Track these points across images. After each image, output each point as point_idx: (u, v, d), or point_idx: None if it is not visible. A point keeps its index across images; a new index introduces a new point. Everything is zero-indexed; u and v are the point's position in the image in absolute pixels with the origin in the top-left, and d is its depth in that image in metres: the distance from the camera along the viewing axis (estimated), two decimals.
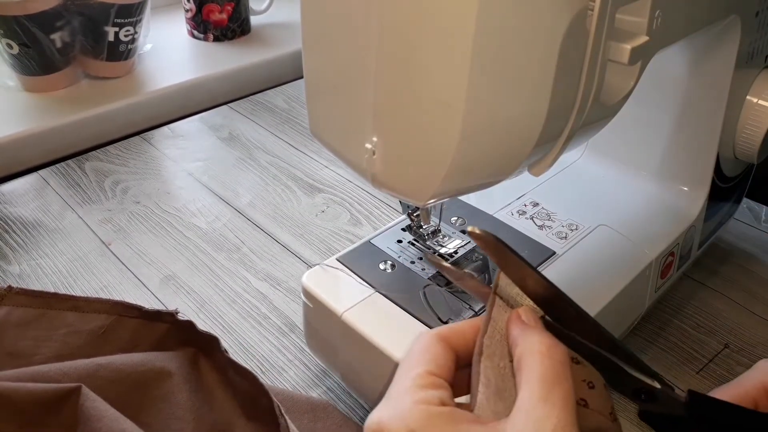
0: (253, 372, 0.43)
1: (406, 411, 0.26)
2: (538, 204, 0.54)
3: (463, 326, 0.30)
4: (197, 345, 0.46)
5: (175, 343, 0.46)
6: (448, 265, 0.33)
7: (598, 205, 0.54)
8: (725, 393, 0.33)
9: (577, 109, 0.34)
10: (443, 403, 0.27)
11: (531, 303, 0.30)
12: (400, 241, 0.49)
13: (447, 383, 0.28)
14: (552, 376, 0.26)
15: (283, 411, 0.41)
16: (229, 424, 0.43)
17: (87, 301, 0.46)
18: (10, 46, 0.79)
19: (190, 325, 0.46)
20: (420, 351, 0.29)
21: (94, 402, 0.39)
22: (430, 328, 0.42)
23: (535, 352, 0.27)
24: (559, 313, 0.30)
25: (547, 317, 0.30)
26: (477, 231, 0.29)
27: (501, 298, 0.30)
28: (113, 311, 0.46)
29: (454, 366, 0.29)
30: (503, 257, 0.30)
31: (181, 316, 0.46)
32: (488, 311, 0.30)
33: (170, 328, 0.47)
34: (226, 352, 0.45)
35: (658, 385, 0.30)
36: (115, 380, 0.42)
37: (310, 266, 0.58)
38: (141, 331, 0.46)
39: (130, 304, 0.47)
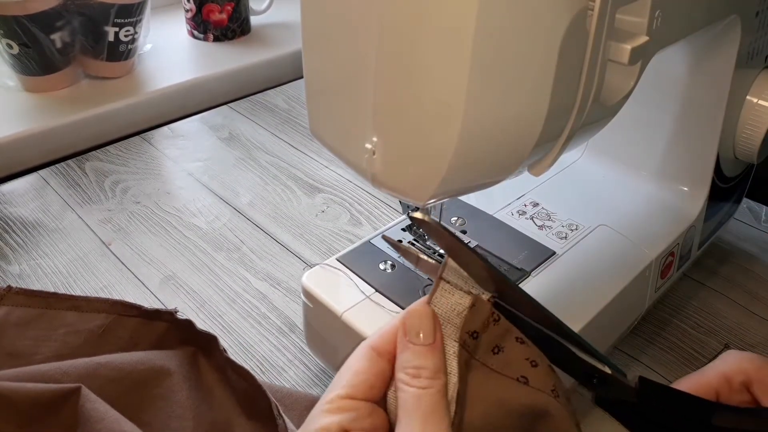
0: (252, 372, 0.43)
1: None
2: (538, 204, 0.54)
3: (395, 329, 0.31)
4: (197, 344, 0.46)
5: (174, 342, 0.46)
6: (406, 246, 0.34)
7: (598, 205, 0.54)
8: (689, 382, 0.35)
9: (577, 109, 0.34)
10: (343, 429, 0.28)
11: (478, 287, 0.30)
12: (400, 241, 0.49)
13: (362, 401, 0.29)
14: (411, 404, 0.28)
15: (281, 411, 0.41)
16: (228, 423, 0.43)
17: (86, 300, 0.46)
18: (10, 46, 0.79)
19: (189, 324, 0.46)
20: (343, 370, 0.30)
21: (94, 403, 0.39)
22: None
23: (400, 380, 0.29)
24: (506, 298, 0.31)
25: (497, 299, 0.30)
26: (421, 216, 0.30)
27: (448, 282, 0.31)
28: (113, 311, 0.46)
29: (382, 375, 0.30)
30: (449, 243, 0.31)
31: (180, 315, 0.46)
32: (428, 296, 0.31)
33: (169, 327, 0.47)
34: (225, 351, 0.45)
35: (608, 370, 0.31)
36: (114, 379, 0.42)
37: (310, 266, 0.58)
38: (140, 331, 0.46)
39: (130, 303, 0.47)
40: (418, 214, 0.30)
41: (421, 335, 0.29)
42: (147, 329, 0.46)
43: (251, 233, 0.66)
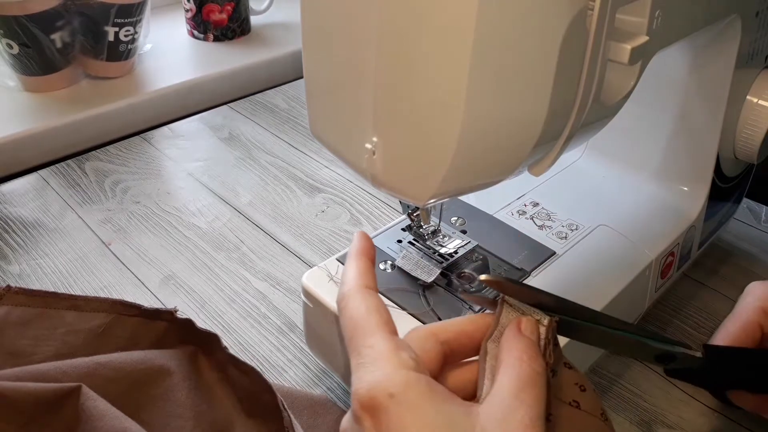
0: (255, 368, 0.43)
1: (387, 376, 0.28)
2: (538, 204, 0.54)
3: (458, 322, 0.33)
4: (196, 343, 0.46)
5: (174, 341, 0.46)
6: (480, 296, 0.35)
7: (598, 205, 0.54)
8: (730, 327, 0.37)
9: (577, 109, 0.34)
10: (418, 366, 0.29)
11: (539, 311, 0.32)
12: (400, 241, 0.49)
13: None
14: (527, 378, 0.28)
15: (285, 405, 0.41)
16: (228, 422, 0.43)
17: (86, 300, 0.46)
18: (10, 46, 0.79)
19: (189, 323, 0.46)
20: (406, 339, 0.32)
21: (95, 401, 0.39)
22: None
23: (516, 356, 0.29)
24: (567, 313, 0.32)
25: (560, 317, 0.32)
26: (491, 278, 0.32)
27: (510, 305, 0.32)
28: (112, 310, 0.46)
29: (439, 359, 0.31)
30: (516, 291, 0.32)
31: (180, 314, 0.46)
32: (496, 318, 0.32)
33: (169, 326, 0.47)
34: (227, 349, 0.45)
35: (680, 349, 0.34)
36: (114, 379, 0.42)
37: (310, 266, 0.58)
38: (140, 330, 0.46)
39: (129, 302, 0.47)
40: (485, 277, 0.32)
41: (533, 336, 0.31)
42: (147, 329, 0.46)
43: (251, 233, 0.66)
